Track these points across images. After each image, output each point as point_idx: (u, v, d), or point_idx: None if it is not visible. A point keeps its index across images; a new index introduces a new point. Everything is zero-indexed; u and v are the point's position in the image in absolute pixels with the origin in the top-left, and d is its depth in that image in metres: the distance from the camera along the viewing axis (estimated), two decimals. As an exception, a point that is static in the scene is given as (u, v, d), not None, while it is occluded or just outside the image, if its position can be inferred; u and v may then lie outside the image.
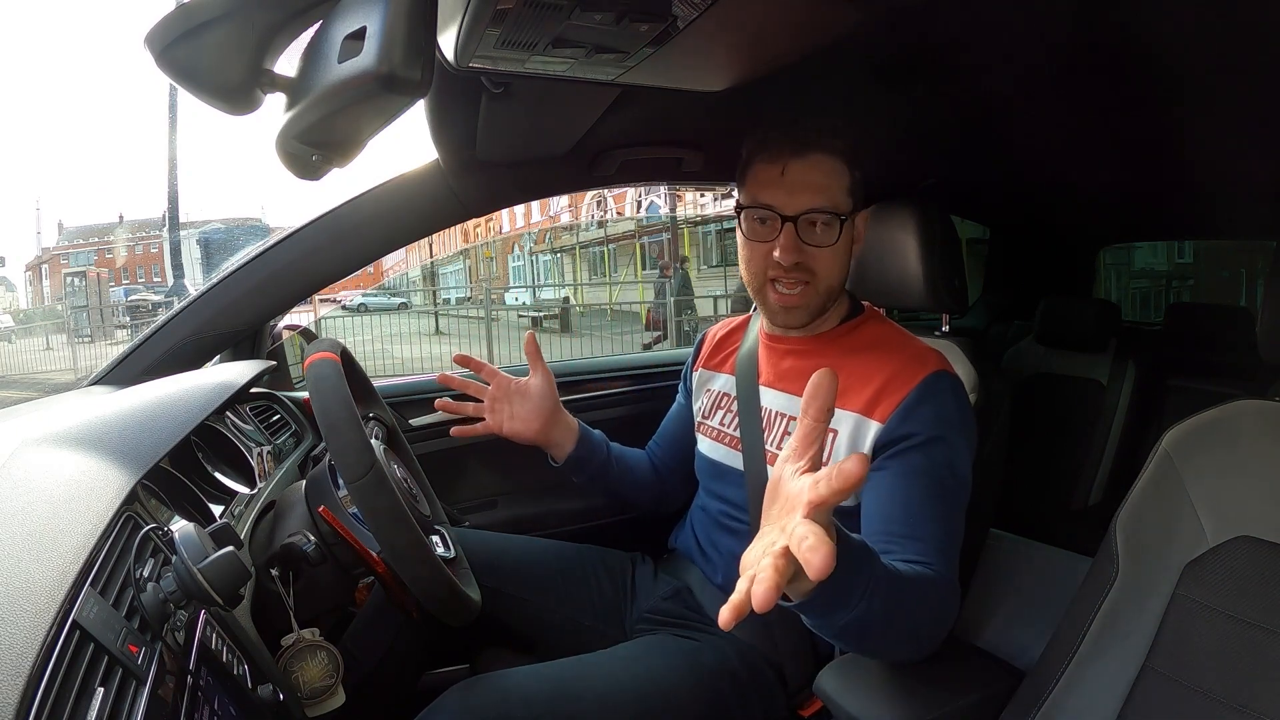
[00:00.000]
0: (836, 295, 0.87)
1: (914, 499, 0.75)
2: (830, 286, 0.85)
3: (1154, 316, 3.26)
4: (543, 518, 1.39)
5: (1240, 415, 0.64)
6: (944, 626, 0.71)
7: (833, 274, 0.84)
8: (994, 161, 1.40)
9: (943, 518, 0.75)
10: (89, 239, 23.46)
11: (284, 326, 1.37)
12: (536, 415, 0.97)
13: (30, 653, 0.37)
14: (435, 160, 1.09)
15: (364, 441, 0.69)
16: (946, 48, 0.84)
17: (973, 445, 0.80)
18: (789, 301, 0.84)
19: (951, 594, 0.72)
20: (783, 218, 0.81)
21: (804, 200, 0.81)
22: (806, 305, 0.85)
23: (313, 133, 0.47)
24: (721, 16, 0.59)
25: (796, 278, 0.83)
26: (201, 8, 0.44)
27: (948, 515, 0.75)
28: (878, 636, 0.64)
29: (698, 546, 0.96)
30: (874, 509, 0.76)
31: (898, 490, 0.76)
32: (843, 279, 0.86)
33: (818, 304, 0.85)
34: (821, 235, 0.82)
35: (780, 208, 0.82)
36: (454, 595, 0.73)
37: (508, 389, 0.98)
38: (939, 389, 0.79)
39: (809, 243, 0.82)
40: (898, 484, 0.76)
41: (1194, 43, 0.79)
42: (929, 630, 0.70)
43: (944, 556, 0.73)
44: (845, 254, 0.85)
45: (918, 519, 0.74)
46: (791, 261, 0.81)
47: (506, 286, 15.43)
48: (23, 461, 0.56)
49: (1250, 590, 0.58)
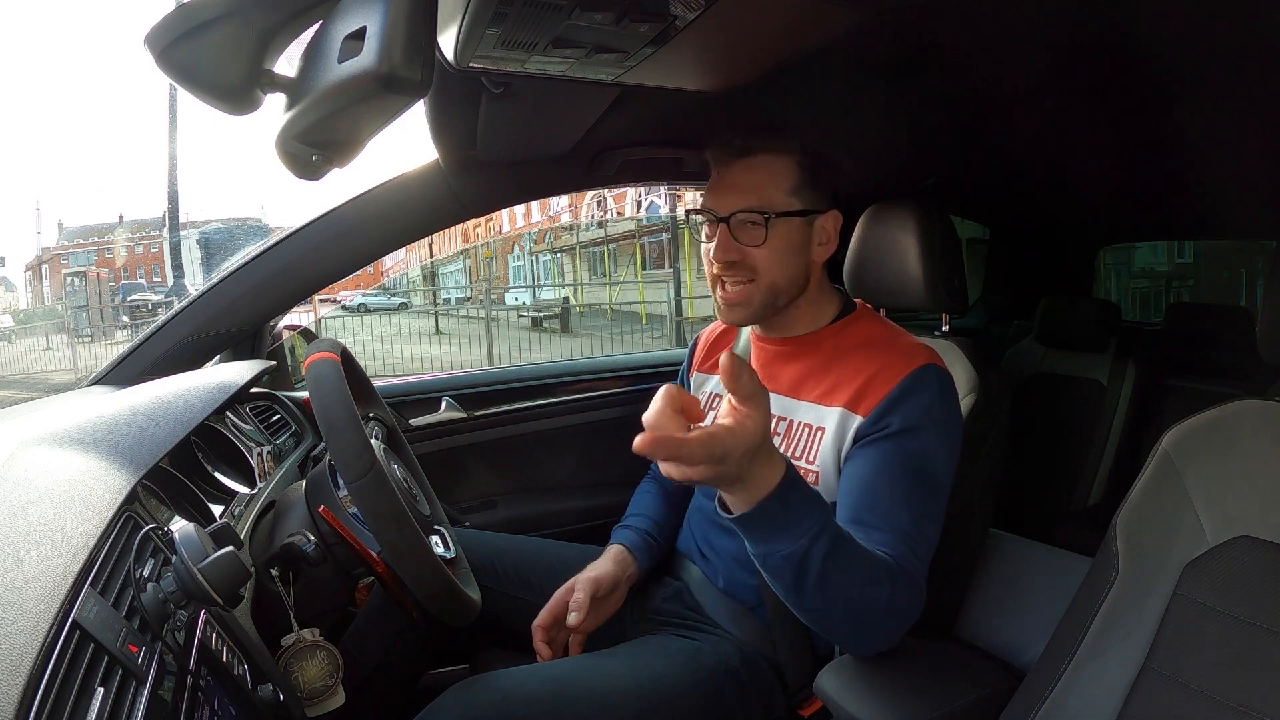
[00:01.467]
0: (786, 294, 0.86)
1: (883, 486, 0.74)
2: (774, 284, 0.84)
3: (1154, 316, 3.26)
4: (543, 518, 1.40)
5: (1240, 415, 0.64)
6: (900, 617, 0.70)
7: (774, 272, 0.83)
8: (994, 161, 1.40)
9: (914, 509, 0.74)
10: (89, 239, 23.46)
11: (284, 326, 1.37)
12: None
13: (30, 653, 0.37)
14: (435, 160, 1.09)
15: (364, 441, 0.69)
16: (946, 48, 0.84)
17: (954, 440, 0.79)
18: (730, 299, 0.85)
19: (912, 587, 0.70)
20: (716, 218, 0.84)
21: (733, 201, 0.83)
22: (748, 303, 0.85)
23: (313, 133, 0.47)
24: (721, 16, 0.59)
25: (737, 276, 0.84)
26: (201, 8, 0.44)
27: (920, 507, 0.74)
28: (819, 595, 0.63)
29: (696, 547, 0.96)
30: (844, 496, 0.76)
31: (867, 477, 0.75)
32: (792, 278, 0.85)
33: (760, 301, 0.85)
34: (751, 235, 0.82)
35: (714, 209, 0.84)
36: (454, 595, 0.73)
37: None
38: (924, 382, 0.78)
39: (743, 242, 0.83)
40: (869, 471, 0.76)
41: (1194, 43, 0.79)
42: (881, 616, 0.68)
43: (911, 549, 0.71)
44: (787, 253, 0.83)
45: (887, 508, 0.73)
46: (723, 260, 0.83)
47: (506, 286, 15.44)
48: (23, 461, 0.56)
49: (1250, 590, 0.58)
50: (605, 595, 0.91)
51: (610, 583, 0.91)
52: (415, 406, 1.38)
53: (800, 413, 0.85)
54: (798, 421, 0.85)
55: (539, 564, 1.02)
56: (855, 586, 0.65)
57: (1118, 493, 0.85)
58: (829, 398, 0.82)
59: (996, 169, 1.47)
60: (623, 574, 0.94)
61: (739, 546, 0.89)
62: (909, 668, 0.74)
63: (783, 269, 0.84)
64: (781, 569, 0.62)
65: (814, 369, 0.86)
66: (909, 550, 0.71)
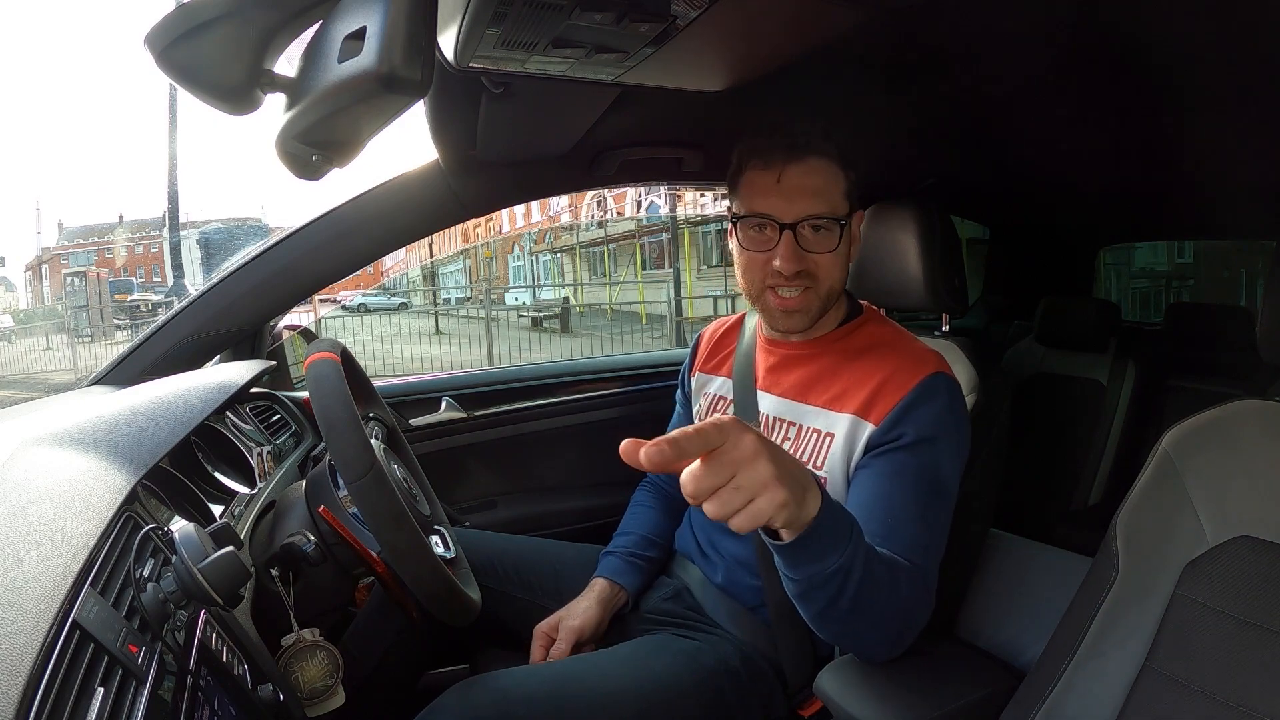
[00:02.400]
0: (837, 298, 0.87)
1: (896, 498, 0.75)
2: (831, 289, 0.84)
3: (1154, 316, 3.26)
4: (543, 518, 1.40)
5: (1240, 415, 0.64)
6: (913, 622, 0.71)
7: (833, 277, 0.83)
8: (994, 161, 1.40)
9: (925, 519, 0.74)
10: (89, 239, 23.46)
11: (284, 326, 1.37)
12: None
13: (30, 653, 0.37)
14: (435, 160, 1.09)
15: (364, 441, 0.69)
16: (946, 48, 0.84)
17: (964, 449, 0.80)
18: (790, 305, 0.83)
19: (925, 592, 0.72)
20: (781, 225, 0.80)
21: (802, 207, 0.79)
22: (808, 309, 0.84)
23: (313, 133, 0.47)
24: (721, 16, 0.59)
25: (798, 283, 0.82)
26: (201, 8, 0.44)
27: (931, 517, 0.75)
28: (846, 609, 0.64)
29: (697, 547, 0.96)
30: (858, 508, 0.76)
31: (881, 489, 0.76)
32: (843, 281, 0.86)
33: (819, 307, 0.85)
34: (822, 241, 0.80)
35: (778, 215, 0.80)
36: (454, 595, 0.73)
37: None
38: (935, 391, 0.78)
39: (808, 249, 0.80)
40: (881, 483, 0.76)
41: (1194, 43, 0.79)
42: (897, 623, 0.70)
43: (923, 557, 0.73)
44: (845, 257, 0.84)
45: (899, 518, 0.74)
46: (793, 270, 0.80)
47: (506, 286, 15.45)
48: (23, 461, 0.56)
49: (1250, 590, 0.58)
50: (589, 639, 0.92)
51: (594, 629, 0.92)
52: (415, 406, 1.38)
53: (808, 417, 0.85)
54: (806, 426, 0.84)
55: (539, 564, 1.02)
56: (878, 595, 0.65)
57: (1118, 493, 0.85)
58: (838, 403, 0.82)
59: (996, 169, 1.47)
60: (607, 613, 0.95)
61: (741, 547, 0.89)
62: (909, 668, 0.74)
63: (840, 273, 0.84)
64: (829, 583, 0.61)
65: (822, 373, 0.86)
66: (922, 560, 0.72)
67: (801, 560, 0.60)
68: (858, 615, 0.65)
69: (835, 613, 0.65)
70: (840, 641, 0.74)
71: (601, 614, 0.94)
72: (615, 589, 0.96)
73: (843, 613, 0.64)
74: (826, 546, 0.59)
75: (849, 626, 0.68)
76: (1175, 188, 1.48)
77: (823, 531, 0.58)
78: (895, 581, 0.68)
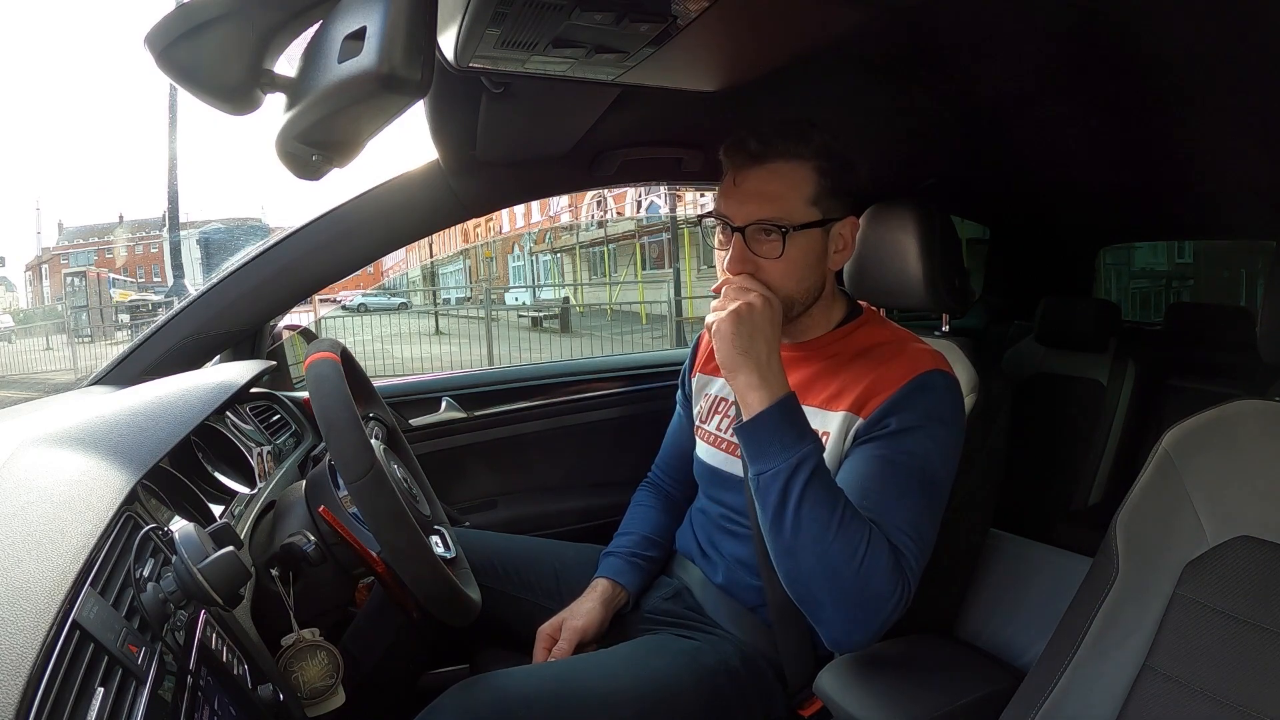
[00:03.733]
0: (801, 305, 0.84)
1: (874, 482, 0.74)
2: (788, 297, 0.81)
3: (1154, 316, 3.26)
4: (543, 518, 1.40)
5: (1240, 415, 0.64)
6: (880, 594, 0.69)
7: (789, 286, 0.80)
8: (994, 161, 1.40)
9: (907, 505, 0.73)
10: (89, 239, 23.45)
11: (284, 326, 1.37)
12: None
13: (30, 653, 0.37)
14: (435, 160, 1.09)
15: (364, 441, 0.69)
16: (947, 48, 0.84)
17: (955, 442, 0.79)
18: None
19: (895, 568, 0.69)
20: (732, 228, 0.80)
21: (751, 211, 0.79)
22: None
23: (313, 133, 0.47)
24: (721, 16, 0.59)
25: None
26: (201, 8, 0.44)
27: (914, 505, 0.74)
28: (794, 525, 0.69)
29: (698, 547, 0.96)
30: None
31: (860, 471, 0.75)
32: (808, 289, 0.83)
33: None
34: (769, 247, 0.79)
35: (730, 218, 0.80)
36: (454, 595, 0.73)
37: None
38: (927, 386, 0.78)
39: (757, 254, 0.79)
40: (861, 466, 0.76)
41: (1194, 42, 0.79)
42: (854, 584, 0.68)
43: (900, 535, 0.71)
44: (804, 265, 0.81)
45: (876, 498, 0.73)
46: (738, 271, 0.79)
47: (506, 286, 15.44)
48: (23, 461, 0.56)
49: (1250, 590, 0.58)
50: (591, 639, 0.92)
51: (597, 629, 0.92)
52: (415, 406, 1.38)
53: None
54: None
55: (539, 564, 1.02)
56: (829, 528, 0.68)
57: (1118, 493, 0.84)
58: (834, 402, 0.82)
59: (996, 169, 1.47)
60: (609, 613, 0.95)
61: (742, 548, 0.89)
62: (909, 668, 0.74)
63: (798, 282, 0.81)
64: (770, 488, 0.70)
65: (820, 374, 0.85)
66: (900, 538, 0.71)
67: (754, 450, 0.72)
68: (806, 545, 0.69)
69: (782, 528, 0.70)
70: (795, 590, 0.72)
71: (604, 614, 0.94)
72: (617, 589, 0.96)
73: (788, 532, 0.69)
74: (774, 440, 0.70)
75: (799, 562, 0.70)
76: (1175, 188, 1.48)
77: (773, 420, 0.71)
78: (855, 531, 0.68)
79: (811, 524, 0.68)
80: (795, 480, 0.69)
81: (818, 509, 0.68)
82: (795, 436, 0.71)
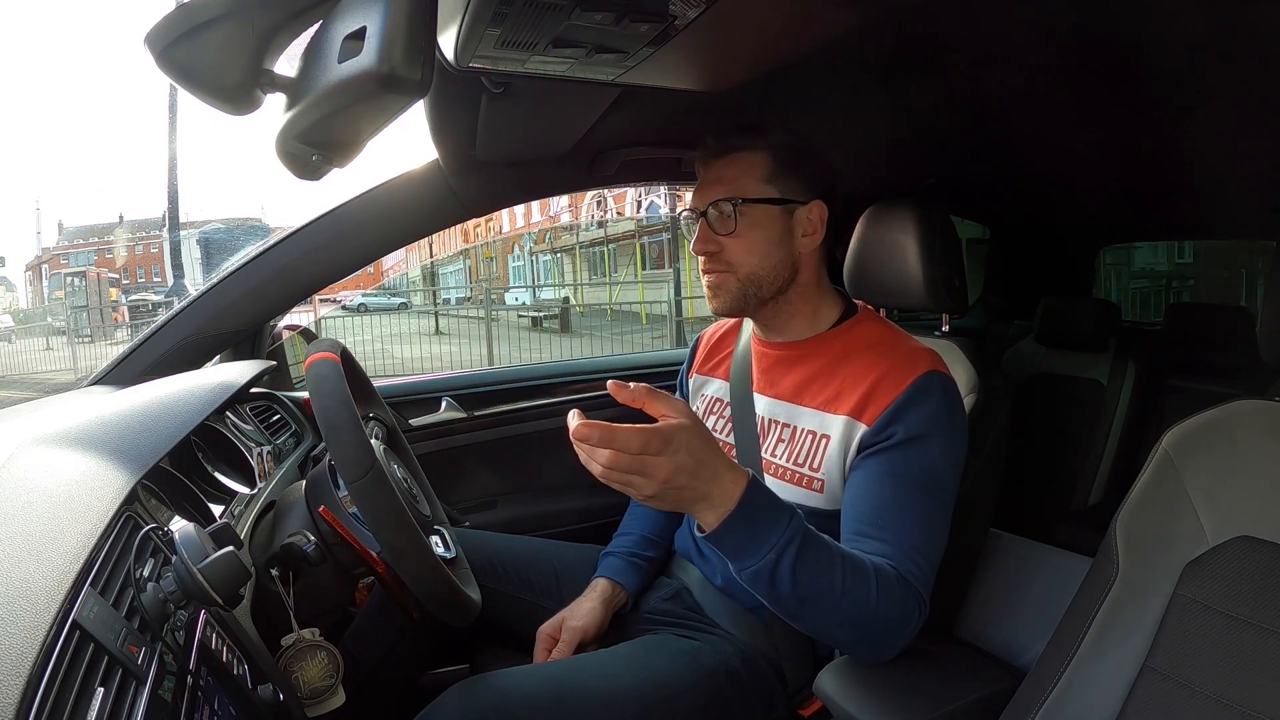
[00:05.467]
0: (770, 285, 0.85)
1: (886, 497, 0.74)
2: (750, 274, 0.85)
3: (1154, 316, 3.26)
4: (543, 518, 1.40)
5: (1240, 415, 0.64)
6: (894, 624, 0.70)
7: (748, 262, 0.84)
8: (994, 161, 1.40)
9: (916, 518, 0.74)
10: (89, 239, 23.47)
11: (284, 326, 1.37)
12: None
13: (30, 653, 0.37)
14: (435, 160, 1.09)
15: (364, 441, 0.69)
16: (946, 48, 0.84)
17: (959, 447, 0.79)
18: (709, 283, 0.88)
19: (908, 594, 0.70)
20: (697, 213, 0.87)
21: (711, 194, 0.85)
22: (726, 289, 0.86)
23: (313, 133, 0.47)
24: (721, 16, 0.59)
25: (716, 268, 0.86)
26: (201, 8, 0.44)
27: (923, 516, 0.74)
28: (795, 603, 0.66)
29: (697, 548, 0.96)
30: (849, 508, 0.77)
31: (870, 488, 0.76)
32: (773, 268, 0.85)
33: (739, 289, 0.86)
34: (724, 224, 0.84)
35: (696, 205, 0.87)
36: (454, 595, 0.73)
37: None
38: (928, 390, 0.78)
39: (718, 232, 0.85)
40: (871, 482, 0.76)
41: (1194, 42, 0.79)
42: (870, 620, 0.68)
43: (913, 560, 0.72)
44: (764, 243, 0.84)
45: (888, 518, 0.73)
46: (701, 251, 0.86)
47: (506, 286, 15.44)
48: (23, 461, 0.56)
49: (1250, 590, 0.58)
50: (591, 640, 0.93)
51: (597, 629, 0.93)
52: (415, 406, 1.38)
53: (804, 419, 0.84)
54: (801, 428, 0.84)
55: (539, 564, 1.02)
56: (832, 593, 0.66)
57: (1118, 493, 0.85)
58: (833, 405, 0.82)
59: (996, 169, 1.47)
60: (609, 613, 0.95)
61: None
62: (909, 668, 0.74)
63: (760, 259, 0.85)
64: (755, 583, 0.65)
65: (817, 374, 0.86)
66: (910, 561, 0.72)
67: (725, 555, 0.65)
68: (815, 612, 0.67)
69: (783, 608, 0.68)
70: (817, 637, 0.75)
71: (604, 614, 0.94)
72: (616, 589, 0.96)
73: (791, 608, 0.67)
74: (743, 544, 0.64)
75: (811, 624, 0.70)
76: (1175, 188, 1.48)
77: (734, 530, 0.62)
78: (856, 579, 0.67)
79: (814, 593, 0.66)
80: (781, 566, 0.63)
81: (817, 578, 0.65)
82: (768, 525, 0.64)
